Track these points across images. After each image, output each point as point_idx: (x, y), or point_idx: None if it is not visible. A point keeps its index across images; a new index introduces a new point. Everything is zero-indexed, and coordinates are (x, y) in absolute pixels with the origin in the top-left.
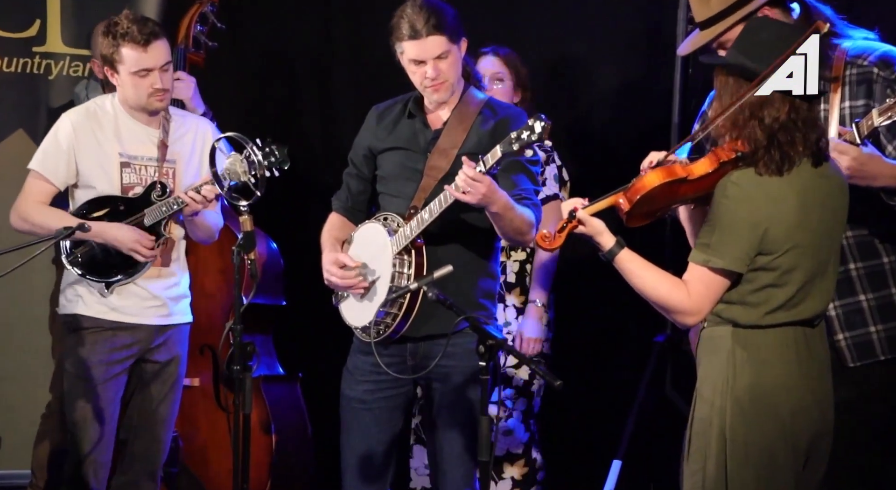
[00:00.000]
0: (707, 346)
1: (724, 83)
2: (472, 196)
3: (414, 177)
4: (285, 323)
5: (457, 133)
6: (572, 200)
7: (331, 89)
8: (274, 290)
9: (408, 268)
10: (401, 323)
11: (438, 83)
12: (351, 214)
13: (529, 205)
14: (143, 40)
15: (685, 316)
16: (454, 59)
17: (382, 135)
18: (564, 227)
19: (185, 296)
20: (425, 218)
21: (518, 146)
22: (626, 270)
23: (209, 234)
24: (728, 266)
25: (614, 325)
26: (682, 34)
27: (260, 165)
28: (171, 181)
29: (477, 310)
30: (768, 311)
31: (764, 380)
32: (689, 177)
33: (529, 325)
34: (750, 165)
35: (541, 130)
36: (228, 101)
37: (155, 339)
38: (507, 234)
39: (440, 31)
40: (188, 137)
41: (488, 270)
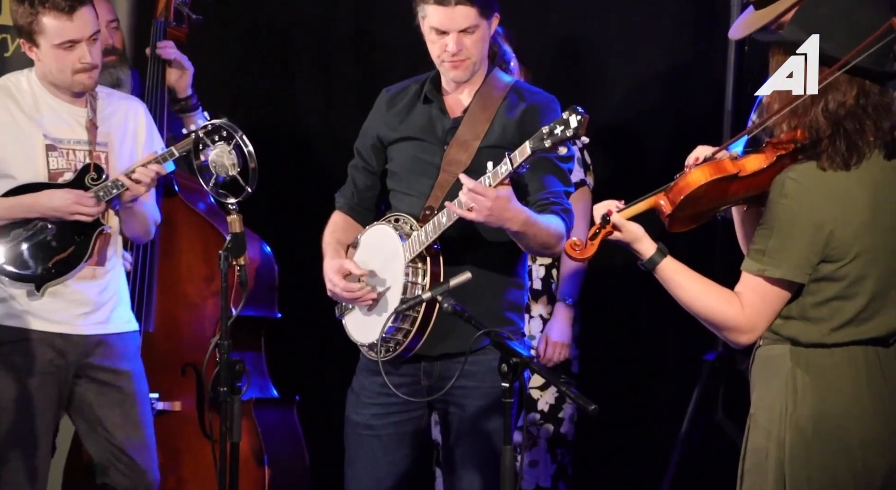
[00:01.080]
0: (763, 367)
1: (780, 63)
2: (478, 213)
3: (429, 172)
4: (280, 338)
5: (479, 122)
6: (606, 203)
7: (333, 69)
8: (267, 300)
9: (422, 277)
10: (414, 339)
11: (459, 60)
12: (357, 213)
13: (559, 211)
14: (66, 6)
15: (738, 333)
16: (482, 35)
17: (394, 122)
18: (597, 233)
19: (124, 299)
20: (443, 222)
21: (550, 143)
22: (669, 281)
23: (145, 228)
24: (787, 276)
25: (655, 340)
26: (736, 8)
27: (251, 157)
28: (105, 166)
29: (502, 325)
30: (834, 327)
31: (830, 407)
32: (740, 173)
33: (557, 326)
34: (812, 159)
35: (577, 125)
36: (215, 84)
37: (91, 352)
38: (531, 250)
39: (471, 1)
40: (118, 117)
41: (515, 279)
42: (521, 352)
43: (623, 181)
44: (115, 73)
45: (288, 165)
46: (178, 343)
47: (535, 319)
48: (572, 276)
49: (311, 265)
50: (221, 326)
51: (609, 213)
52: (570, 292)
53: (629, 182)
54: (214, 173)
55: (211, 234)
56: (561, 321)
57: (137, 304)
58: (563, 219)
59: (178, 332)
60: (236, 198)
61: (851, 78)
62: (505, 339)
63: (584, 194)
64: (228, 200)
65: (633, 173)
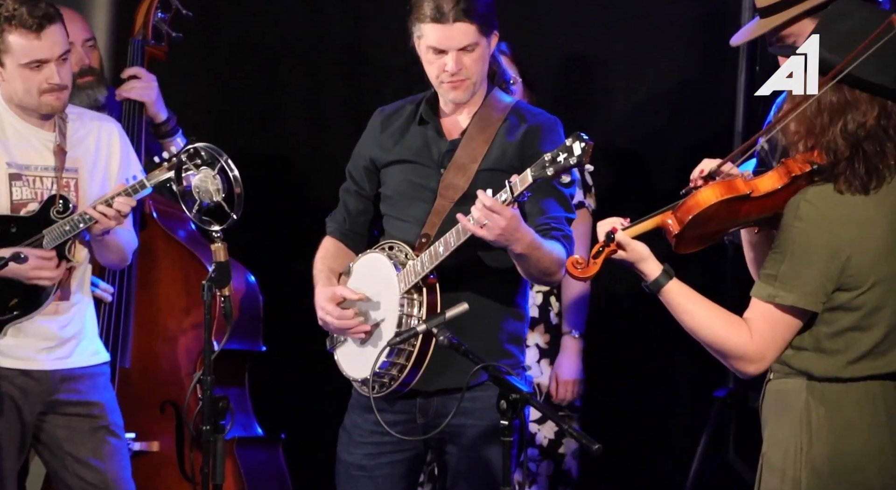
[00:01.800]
0: (775, 402)
1: None
2: (489, 231)
3: (425, 197)
4: (265, 373)
5: (477, 144)
6: (610, 220)
7: (323, 90)
8: (252, 333)
9: (418, 309)
10: (410, 374)
11: (458, 80)
12: (349, 239)
13: (560, 237)
14: (34, 24)
15: (746, 363)
16: (481, 53)
17: (388, 144)
18: (601, 250)
19: (90, 333)
20: (440, 252)
21: (553, 171)
22: (674, 305)
23: (121, 257)
24: (798, 303)
25: (663, 375)
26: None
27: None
28: (74, 194)
29: (502, 358)
30: (850, 360)
31: (847, 446)
32: (753, 193)
33: (567, 363)
34: (829, 181)
35: (581, 153)
36: (196, 105)
37: (57, 389)
38: (531, 276)
39: (470, 17)
40: (90, 140)
41: (515, 310)
42: (521, 387)
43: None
44: (92, 94)
45: (275, 190)
46: (156, 379)
47: (531, 349)
48: (577, 306)
49: (299, 295)
50: (204, 361)
51: (614, 230)
52: (576, 323)
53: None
54: (198, 199)
55: (192, 264)
56: (570, 357)
57: (113, 338)
58: (564, 245)
59: (156, 368)
60: (221, 225)
61: (872, 98)
62: (504, 373)
63: (584, 217)
64: (212, 228)
65: (638, 196)
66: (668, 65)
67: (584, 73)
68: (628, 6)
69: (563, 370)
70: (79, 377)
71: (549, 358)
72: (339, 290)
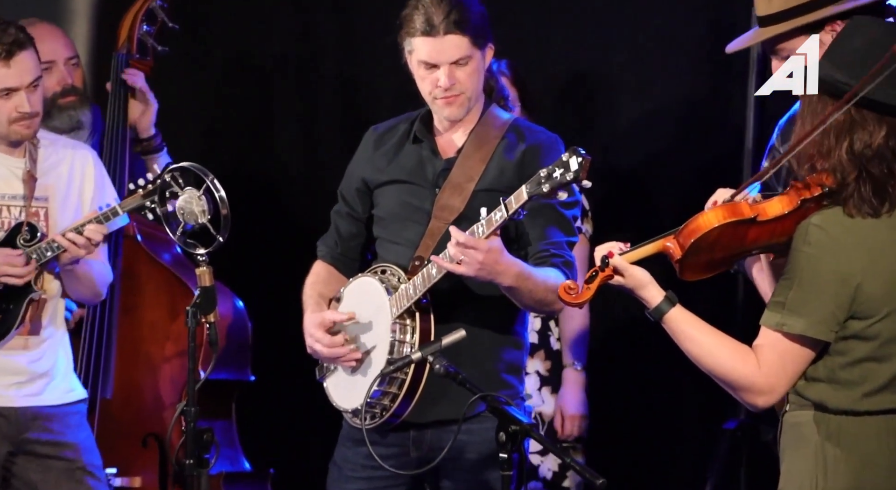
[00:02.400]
0: (790, 435)
1: (808, 102)
2: (468, 267)
3: (419, 218)
4: (253, 404)
5: (474, 163)
6: (608, 244)
7: (315, 106)
8: (239, 361)
9: (410, 335)
10: (402, 405)
11: (452, 95)
12: (341, 263)
13: (559, 264)
14: (3, 52)
15: (754, 394)
16: (475, 67)
17: (381, 163)
18: (594, 275)
19: (63, 369)
20: (433, 274)
21: (549, 187)
22: (677, 333)
23: (94, 291)
24: (808, 332)
25: (669, 405)
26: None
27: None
28: (44, 223)
29: (499, 388)
30: (867, 392)
31: (865, 483)
32: (759, 217)
33: (571, 397)
34: (838, 204)
35: (577, 168)
36: (183, 122)
37: (28, 427)
38: (527, 307)
39: (462, 29)
40: (63, 167)
41: (513, 337)
42: (521, 418)
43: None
44: (74, 115)
45: (265, 212)
46: (138, 411)
47: (531, 376)
48: (579, 337)
49: (289, 322)
50: (188, 391)
51: (610, 254)
52: (578, 355)
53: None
54: (182, 221)
55: (177, 289)
56: (573, 390)
57: (94, 368)
58: (564, 272)
59: (138, 399)
60: (206, 248)
61: (881, 117)
62: (503, 404)
63: (581, 242)
64: (197, 251)
65: (642, 221)
66: (674, 81)
67: (585, 90)
68: (632, 20)
69: (567, 405)
70: (51, 416)
71: (551, 386)
72: (328, 314)
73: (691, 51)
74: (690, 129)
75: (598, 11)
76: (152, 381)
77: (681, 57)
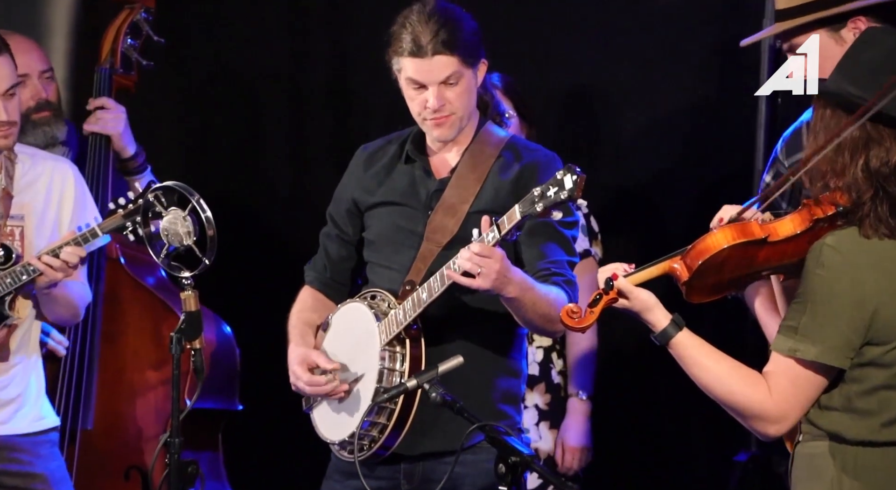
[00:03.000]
0: (803, 467)
1: (822, 116)
2: (485, 278)
3: (411, 241)
4: (240, 434)
5: (468, 183)
6: (612, 266)
7: (305, 123)
8: (226, 390)
9: (400, 363)
10: (391, 436)
11: (442, 116)
12: (330, 289)
13: (561, 282)
14: None
15: (765, 423)
16: (467, 86)
17: (371, 185)
18: (598, 298)
19: (33, 397)
20: (422, 299)
21: (542, 206)
22: (684, 358)
23: (73, 312)
24: (822, 358)
25: (678, 436)
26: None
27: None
28: (19, 243)
29: (496, 419)
30: (885, 422)
31: None
32: (770, 238)
33: (574, 428)
34: (853, 224)
35: (572, 186)
36: (167, 139)
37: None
38: (530, 323)
39: (451, 49)
40: (41, 184)
41: (510, 365)
42: (521, 449)
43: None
44: (49, 131)
45: (253, 233)
46: (120, 442)
47: (529, 410)
48: (584, 365)
49: (278, 349)
50: (172, 421)
51: (614, 276)
52: (583, 384)
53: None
54: (166, 243)
55: (162, 313)
56: (577, 421)
57: (74, 397)
58: (566, 291)
59: (121, 429)
60: (192, 271)
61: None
62: (503, 434)
63: (590, 266)
64: (182, 274)
65: (649, 242)
66: (682, 94)
67: (588, 104)
68: (636, 32)
69: (569, 436)
70: (19, 446)
71: (550, 421)
72: (313, 355)
73: (699, 62)
74: (699, 145)
75: (602, 22)
76: (135, 410)
77: (688, 69)
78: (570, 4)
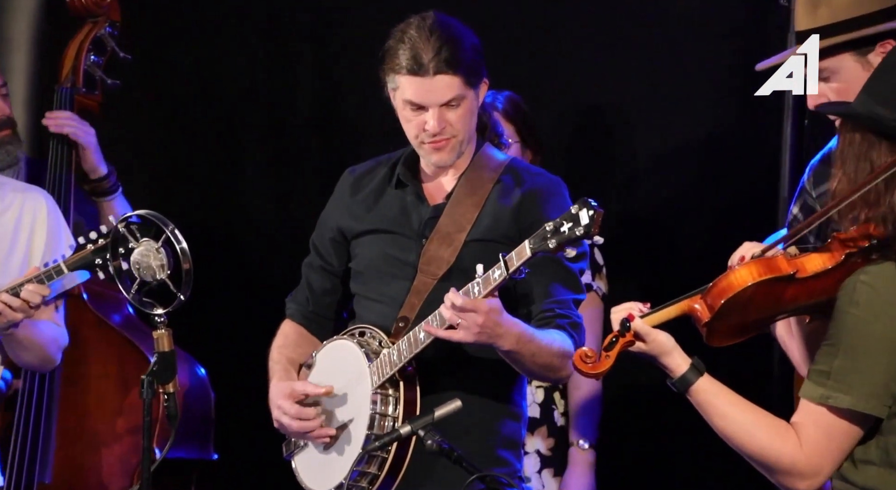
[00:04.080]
0: None
1: (850, 141)
2: (466, 331)
3: (403, 272)
4: (215, 486)
5: (466, 210)
6: (626, 305)
7: (287, 146)
8: (200, 438)
9: (393, 407)
10: (383, 487)
11: (442, 140)
12: (313, 324)
13: (565, 325)
14: None
15: (796, 478)
16: (469, 108)
17: (359, 211)
18: (614, 342)
19: None
20: (421, 339)
21: (556, 243)
22: (706, 407)
23: (42, 357)
24: (857, 407)
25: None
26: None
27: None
28: None
29: (495, 466)
30: None
31: None
32: (798, 274)
33: (575, 481)
34: (889, 259)
35: (588, 222)
36: (136, 164)
37: None
38: (531, 374)
39: (454, 69)
40: (9, 216)
41: (511, 409)
42: None
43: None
44: (12, 150)
45: (231, 267)
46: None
47: (530, 456)
48: (587, 411)
49: (256, 392)
50: (142, 474)
51: (630, 317)
52: (585, 431)
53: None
54: (138, 277)
55: (129, 355)
56: (580, 474)
57: (31, 448)
58: (571, 335)
59: (82, 484)
60: (165, 308)
61: None
62: (504, 485)
63: (593, 302)
64: (155, 311)
65: (662, 277)
66: (699, 117)
67: (597, 126)
68: (651, 49)
69: (570, 488)
70: None
71: (553, 468)
72: (299, 385)
73: (718, 82)
74: (717, 172)
75: (613, 39)
76: (99, 462)
77: (706, 89)
78: (577, 18)
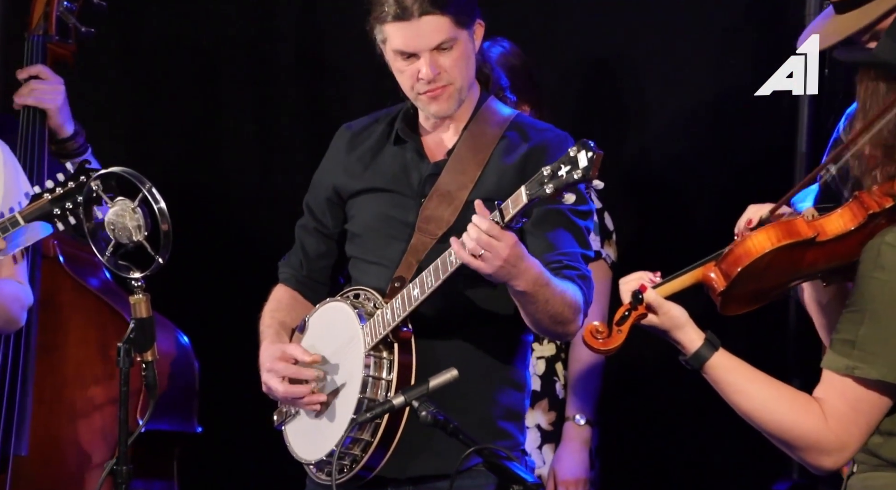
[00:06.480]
0: None
1: (872, 90)
2: (487, 262)
3: (401, 233)
4: (199, 460)
5: (468, 167)
6: (636, 275)
7: (272, 101)
8: (182, 409)
9: (387, 371)
10: (375, 456)
11: (438, 87)
12: (306, 288)
13: (574, 276)
14: None
15: (821, 454)
16: (463, 51)
17: (356, 169)
18: (626, 315)
19: None
20: (415, 296)
21: (553, 188)
22: (722, 384)
23: (5, 317)
24: (887, 377)
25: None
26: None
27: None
28: None
29: (496, 439)
30: None
31: None
32: (818, 237)
33: (568, 457)
34: None
35: (587, 164)
36: (111, 117)
37: None
38: (540, 324)
39: (441, 8)
40: None
41: (513, 377)
42: (525, 476)
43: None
44: None
45: (213, 227)
46: (60, 470)
47: (531, 431)
48: (585, 383)
49: (243, 361)
50: (120, 446)
51: (642, 288)
52: (582, 406)
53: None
54: (113, 239)
55: (109, 321)
56: (572, 449)
57: (6, 419)
58: (581, 287)
59: (60, 456)
60: (143, 271)
61: None
62: (503, 458)
63: (601, 271)
64: (132, 275)
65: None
66: (713, 70)
67: (607, 82)
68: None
69: (562, 467)
70: None
71: (555, 443)
72: (290, 348)
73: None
74: (732, 128)
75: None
76: (78, 434)
77: (719, 42)
78: None
